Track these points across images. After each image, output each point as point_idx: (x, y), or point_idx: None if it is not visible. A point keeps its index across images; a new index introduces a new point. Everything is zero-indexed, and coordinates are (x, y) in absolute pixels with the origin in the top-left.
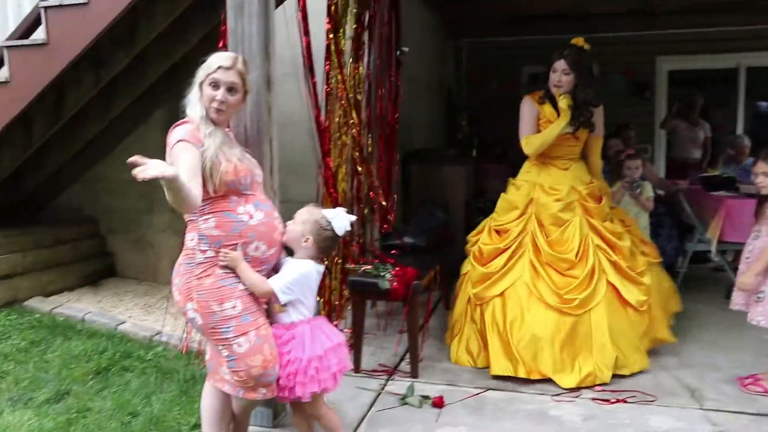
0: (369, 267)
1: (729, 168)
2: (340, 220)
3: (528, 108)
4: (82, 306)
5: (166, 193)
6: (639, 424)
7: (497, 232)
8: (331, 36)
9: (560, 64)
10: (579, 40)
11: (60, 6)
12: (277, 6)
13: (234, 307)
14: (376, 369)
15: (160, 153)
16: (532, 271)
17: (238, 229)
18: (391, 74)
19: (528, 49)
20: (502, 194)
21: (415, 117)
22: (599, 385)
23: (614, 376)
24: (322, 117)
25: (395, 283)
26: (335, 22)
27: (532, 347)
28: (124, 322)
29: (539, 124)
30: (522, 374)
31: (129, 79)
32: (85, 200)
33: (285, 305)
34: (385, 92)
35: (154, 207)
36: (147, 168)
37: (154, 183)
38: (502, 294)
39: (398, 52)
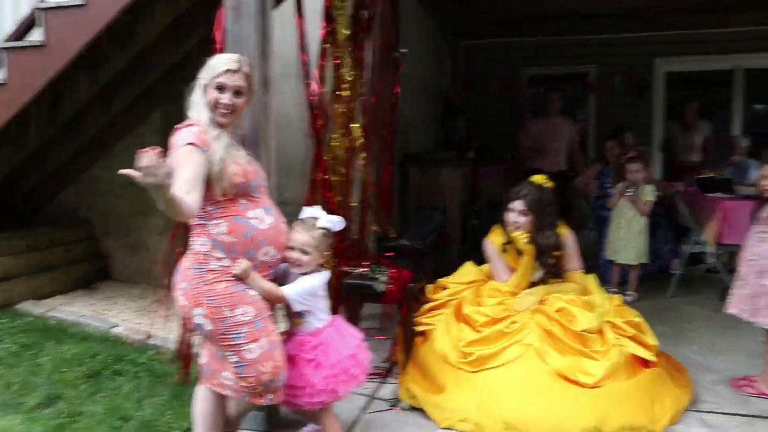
0: (365, 269)
1: (729, 169)
2: (332, 219)
3: (492, 250)
4: (75, 309)
5: (156, 203)
6: None
7: (443, 287)
8: (328, 37)
9: (516, 205)
10: (539, 178)
11: (58, 7)
12: (274, 6)
13: (245, 313)
14: (371, 372)
15: None
16: (444, 324)
17: (250, 234)
18: (389, 76)
19: (527, 50)
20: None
21: (413, 119)
22: None
23: None
24: (318, 119)
25: (390, 286)
26: (332, 23)
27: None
28: (117, 326)
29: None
30: None
31: (127, 81)
32: (80, 202)
33: (303, 316)
34: (383, 94)
35: (150, 210)
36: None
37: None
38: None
39: (397, 54)
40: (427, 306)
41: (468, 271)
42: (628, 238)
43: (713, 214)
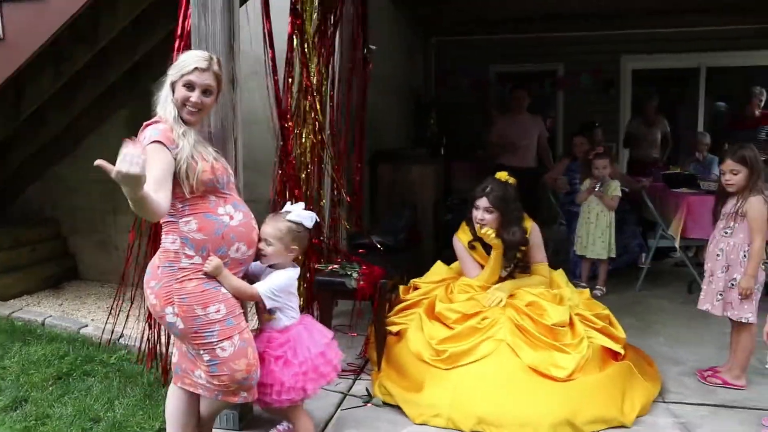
0: (336, 266)
1: (693, 165)
2: (303, 215)
3: (460, 247)
4: (43, 310)
5: (129, 201)
6: None
7: (415, 287)
8: (295, 33)
9: (482, 202)
10: (502, 175)
11: (17, 1)
12: (242, 3)
13: (218, 311)
14: (344, 369)
15: None
16: (417, 323)
17: (220, 231)
18: (358, 73)
19: (496, 47)
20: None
21: (384, 116)
22: None
23: None
24: (286, 115)
25: (362, 282)
26: (299, 20)
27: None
28: (86, 326)
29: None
30: None
31: (91, 76)
32: (46, 201)
33: (273, 313)
34: (352, 91)
35: (119, 207)
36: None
37: (117, 184)
38: (398, 334)
39: (366, 50)
40: (400, 306)
41: (438, 270)
42: (596, 233)
43: (678, 208)
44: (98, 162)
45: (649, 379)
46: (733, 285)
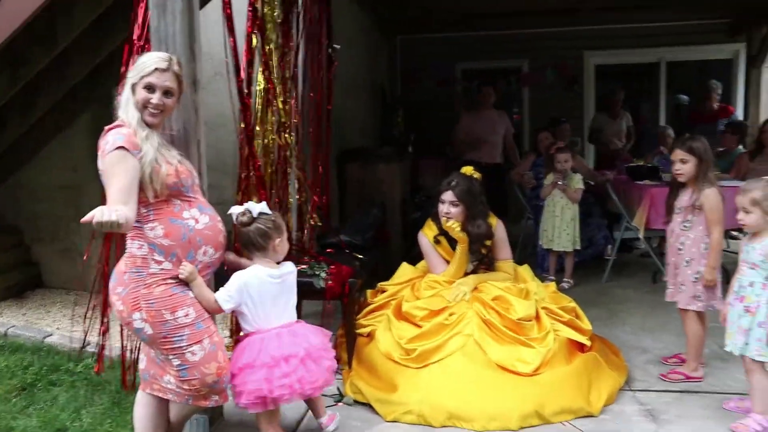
0: (304, 266)
1: (657, 158)
2: (236, 208)
3: (426, 243)
4: (5, 320)
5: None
6: None
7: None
8: (255, 33)
9: (448, 196)
10: (468, 169)
11: None
12: (204, 4)
13: (187, 315)
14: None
15: (87, 157)
16: (386, 323)
17: (186, 236)
18: (323, 72)
19: (461, 45)
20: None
21: (350, 115)
22: None
23: None
24: (250, 117)
25: (330, 282)
26: (260, 20)
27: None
28: (51, 335)
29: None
30: None
31: (51, 79)
32: (7, 208)
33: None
34: (317, 90)
35: (83, 213)
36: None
37: (81, 189)
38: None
39: (330, 50)
40: (368, 309)
41: (404, 272)
42: (562, 225)
43: (642, 200)
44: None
45: (615, 369)
46: (697, 278)
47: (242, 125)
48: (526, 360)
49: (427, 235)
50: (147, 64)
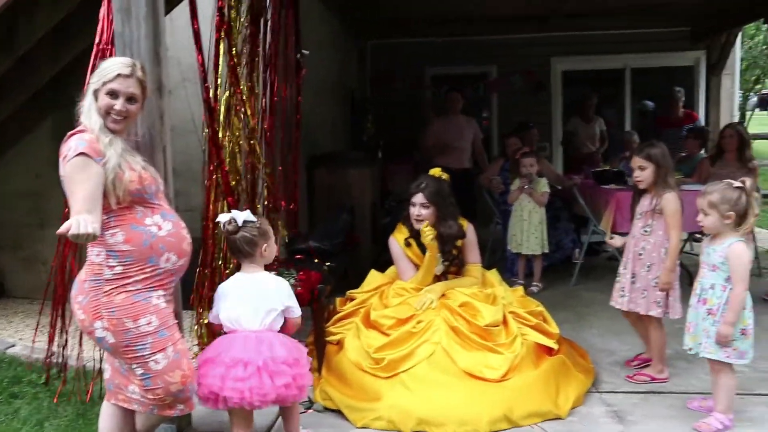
0: (272, 273)
1: (623, 163)
2: (225, 216)
3: (396, 248)
4: None
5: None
6: None
7: (350, 299)
8: (223, 38)
9: (418, 198)
10: (436, 171)
11: None
12: (171, 9)
13: (149, 323)
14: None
15: (50, 164)
16: (354, 332)
17: (148, 242)
18: (291, 77)
19: (430, 50)
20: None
21: (320, 120)
22: None
23: None
24: (216, 122)
25: (299, 288)
26: (227, 25)
27: None
28: (13, 345)
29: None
30: None
31: (12, 85)
32: None
33: None
34: (285, 95)
35: (46, 221)
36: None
37: (44, 196)
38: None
39: (298, 55)
40: (337, 317)
41: (373, 279)
42: (530, 229)
43: (608, 204)
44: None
45: (583, 371)
46: (657, 284)
47: (207, 131)
48: (493, 366)
49: (397, 239)
50: (109, 70)
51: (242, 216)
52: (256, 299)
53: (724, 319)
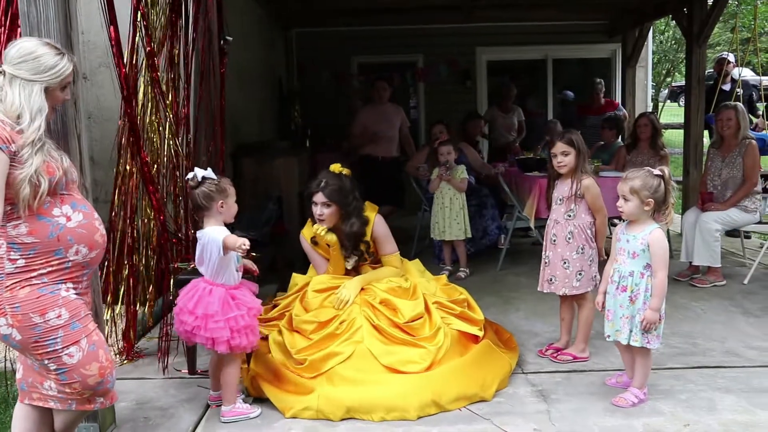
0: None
1: (546, 151)
2: (191, 174)
3: (306, 245)
4: None
5: None
6: None
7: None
8: (140, 22)
9: (318, 197)
10: (336, 167)
11: None
12: None
13: (59, 316)
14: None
15: None
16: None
17: (55, 234)
18: (214, 65)
19: (357, 39)
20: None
21: (246, 109)
22: None
23: None
24: (133, 110)
25: None
26: (142, 7)
27: None
28: None
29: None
30: None
31: None
32: None
33: None
34: (210, 84)
35: None
36: None
37: None
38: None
39: (222, 42)
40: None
41: (294, 283)
42: (452, 216)
43: (531, 191)
44: None
45: (508, 353)
46: (591, 261)
47: (124, 120)
48: (416, 361)
49: (305, 236)
50: (63, 67)
51: (202, 173)
52: (205, 253)
53: (650, 305)
